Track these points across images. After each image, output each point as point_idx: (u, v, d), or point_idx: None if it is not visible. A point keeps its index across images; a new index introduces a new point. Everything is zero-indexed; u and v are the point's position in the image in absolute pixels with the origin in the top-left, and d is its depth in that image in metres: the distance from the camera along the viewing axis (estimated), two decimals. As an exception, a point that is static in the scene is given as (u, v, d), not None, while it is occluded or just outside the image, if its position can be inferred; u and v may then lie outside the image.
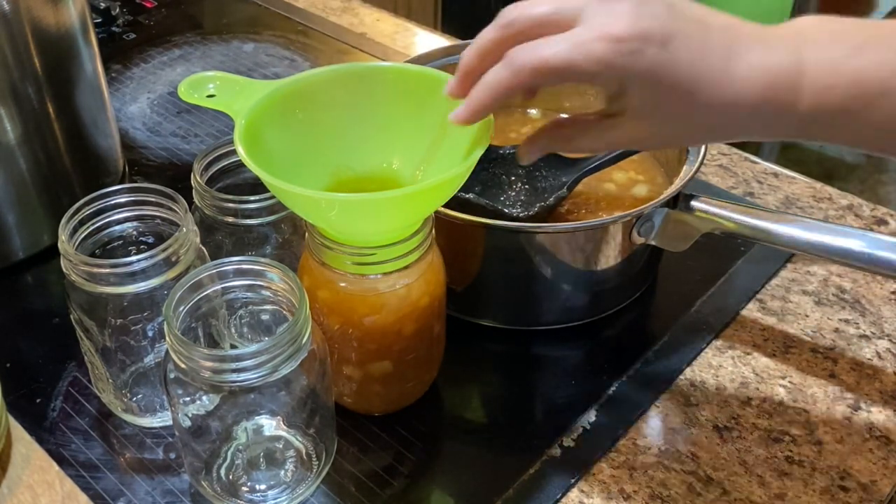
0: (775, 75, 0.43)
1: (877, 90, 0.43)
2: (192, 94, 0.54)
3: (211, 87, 0.55)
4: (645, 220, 0.61)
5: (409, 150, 0.54)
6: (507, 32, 0.45)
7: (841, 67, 0.43)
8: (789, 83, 0.44)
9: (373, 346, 0.54)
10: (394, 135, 0.55)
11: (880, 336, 0.65)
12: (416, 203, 0.49)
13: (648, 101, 0.44)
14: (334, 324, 0.54)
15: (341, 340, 0.54)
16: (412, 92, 0.54)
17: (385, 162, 0.55)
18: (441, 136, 0.53)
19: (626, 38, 0.42)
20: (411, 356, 0.56)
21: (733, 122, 0.45)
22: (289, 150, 0.53)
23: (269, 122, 0.52)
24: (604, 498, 0.55)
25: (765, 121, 0.45)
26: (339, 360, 0.55)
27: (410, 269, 0.52)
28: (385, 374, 0.56)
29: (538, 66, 0.43)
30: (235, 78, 0.55)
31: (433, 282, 0.54)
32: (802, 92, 0.44)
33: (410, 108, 0.54)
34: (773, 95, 0.44)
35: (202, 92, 0.54)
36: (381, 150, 0.55)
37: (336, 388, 0.57)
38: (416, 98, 0.54)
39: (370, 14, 1.08)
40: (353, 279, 0.52)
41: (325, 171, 0.55)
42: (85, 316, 0.55)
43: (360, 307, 0.53)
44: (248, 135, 0.50)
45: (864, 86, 0.43)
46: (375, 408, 0.59)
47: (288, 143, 0.53)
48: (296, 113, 0.54)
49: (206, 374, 0.47)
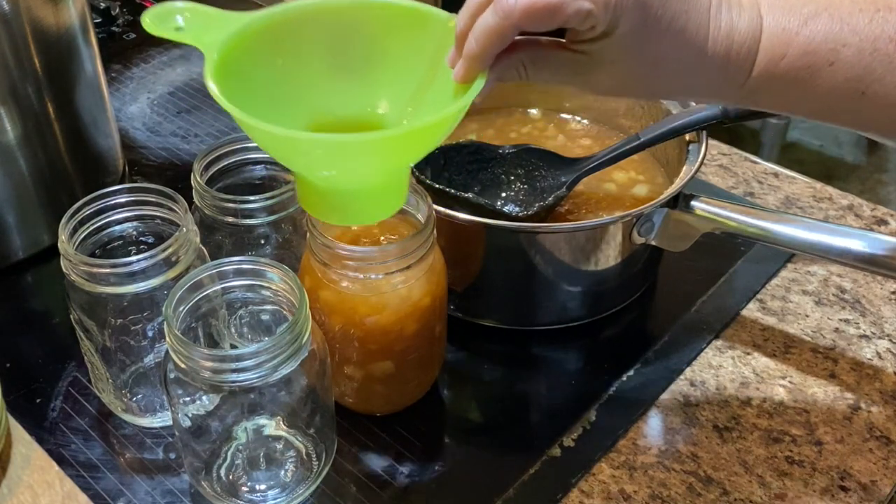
0: (737, 37, 0.44)
1: (824, 60, 0.43)
2: (158, 26, 0.49)
3: (179, 18, 0.49)
4: (645, 220, 0.61)
5: (397, 92, 0.50)
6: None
7: (792, 36, 0.44)
8: (747, 47, 0.44)
9: (374, 347, 0.54)
10: (380, 76, 0.50)
11: (880, 336, 0.65)
12: (406, 145, 0.45)
13: (634, 44, 0.43)
14: (336, 324, 0.54)
15: (343, 341, 0.54)
16: (400, 29, 0.49)
17: (370, 105, 0.51)
18: (431, 78, 0.48)
19: None
20: (413, 356, 0.56)
21: (700, 77, 0.45)
22: (264, 90, 0.49)
23: (244, 58, 0.48)
24: (604, 498, 0.55)
25: (723, 81, 0.45)
26: (340, 360, 0.55)
27: (412, 269, 0.52)
28: (386, 374, 0.56)
29: (529, 6, 0.41)
30: (207, 9, 0.49)
31: (434, 282, 0.54)
32: (756, 57, 0.44)
33: (398, 46, 0.50)
34: (735, 57, 0.44)
35: (169, 24, 0.49)
36: (366, 91, 0.51)
37: (337, 388, 0.57)
38: (403, 36, 0.49)
39: (370, 14, 1.08)
40: (354, 279, 0.52)
41: (303, 114, 0.50)
42: (85, 316, 0.55)
43: (361, 307, 0.53)
44: (220, 71, 0.45)
45: (812, 56, 0.43)
46: (377, 408, 0.59)
47: (263, 83, 0.49)
48: (272, 49, 0.49)
49: (206, 374, 0.47)
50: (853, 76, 0.43)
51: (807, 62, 0.44)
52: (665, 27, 0.42)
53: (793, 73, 0.44)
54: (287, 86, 0.50)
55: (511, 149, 0.68)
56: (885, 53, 0.43)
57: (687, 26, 0.43)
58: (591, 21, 0.41)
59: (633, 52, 0.43)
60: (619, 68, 0.44)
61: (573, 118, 0.78)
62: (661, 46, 0.43)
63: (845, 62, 0.43)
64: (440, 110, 0.43)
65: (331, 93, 0.51)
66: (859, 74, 0.43)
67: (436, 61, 0.46)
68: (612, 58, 0.43)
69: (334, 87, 0.50)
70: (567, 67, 0.45)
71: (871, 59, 0.43)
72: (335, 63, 0.50)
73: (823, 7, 0.44)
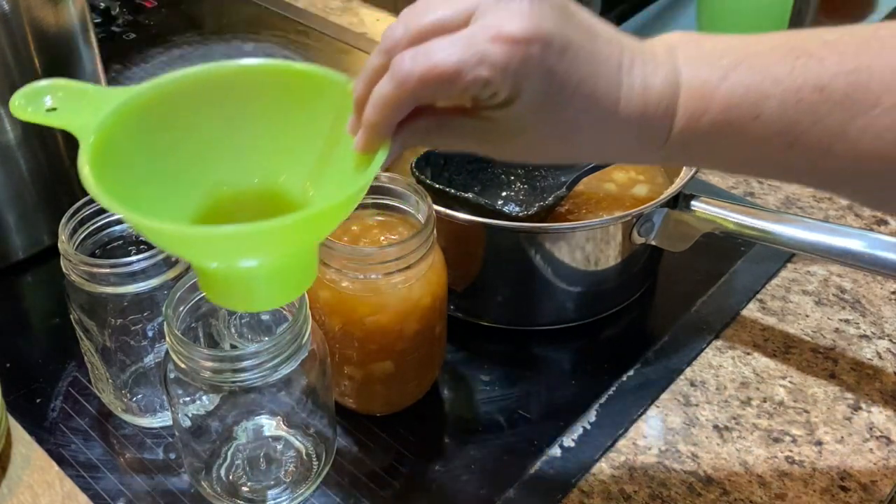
0: (653, 96, 0.40)
1: (748, 114, 0.40)
2: (27, 110, 0.43)
3: (48, 99, 0.44)
4: (645, 220, 0.61)
5: (298, 160, 0.46)
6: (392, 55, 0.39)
7: (712, 91, 0.40)
8: (664, 106, 0.41)
9: (374, 346, 0.54)
10: (280, 144, 0.46)
11: (880, 336, 0.65)
12: (301, 230, 0.40)
13: (540, 111, 0.40)
14: (336, 324, 0.54)
15: (343, 340, 0.54)
16: (296, 94, 0.46)
17: (269, 175, 0.47)
18: (333, 144, 0.45)
19: (523, 38, 0.37)
20: (413, 356, 0.56)
21: (616, 140, 0.42)
22: (152, 169, 0.44)
23: (126, 137, 0.43)
24: (604, 498, 0.55)
25: (641, 142, 0.42)
26: (340, 360, 0.55)
27: (412, 269, 0.52)
28: (386, 374, 0.56)
29: (425, 74, 0.37)
30: (82, 86, 0.44)
31: (434, 282, 0.54)
32: (676, 115, 0.41)
33: (295, 112, 0.46)
34: (652, 117, 0.41)
35: (39, 106, 0.44)
36: (264, 162, 0.46)
37: (337, 388, 0.57)
38: (301, 101, 0.45)
39: (370, 14, 1.08)
40: (354, 279, 0.52)
41: (197, 189, 0.46)
42: (85, 316, 0.55)
43: (361, 307, 0.53)
44: (99, 156, 0.41)
45: (735, 110, 0.40)
46: (377, 408, 0.59)
47: (150, 161, 0.45)
48: (160, 123, 0.45)
49: (206, 374, 0.47)
50: (780, 129, 0.40)
51: (730, 117, 0.40)
52: (572, 92, 0.39)
53: (716, 129, 0.41)
54: (179, 161, 0.45)
55: (511, 149, 0.68)
56: (810, 103, 0.39)
57: (596, 90, 0.40)
58: (490, 89, 0.38)
59: (540, 119, 0.40)
60: (528, 135, 0.41)
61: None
62: (570, 112, 0.40)
63: (770, 115, 0.40)
64: (343, 184, 0.41)
65: (228, 164, 0.46)
66: (785, 127, 0.40)
67: (337, 126, 0.43)
68: (519, 125, 0.40)
69: (231, 159, 0.46)
70: (474, 134, 0.42)
71: (796, 111, 0.40)
72: (230, 133, 0.46)
73: (743, 57, 0.40)
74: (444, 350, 0.60)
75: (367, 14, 1.08)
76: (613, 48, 0.40)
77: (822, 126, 0.40)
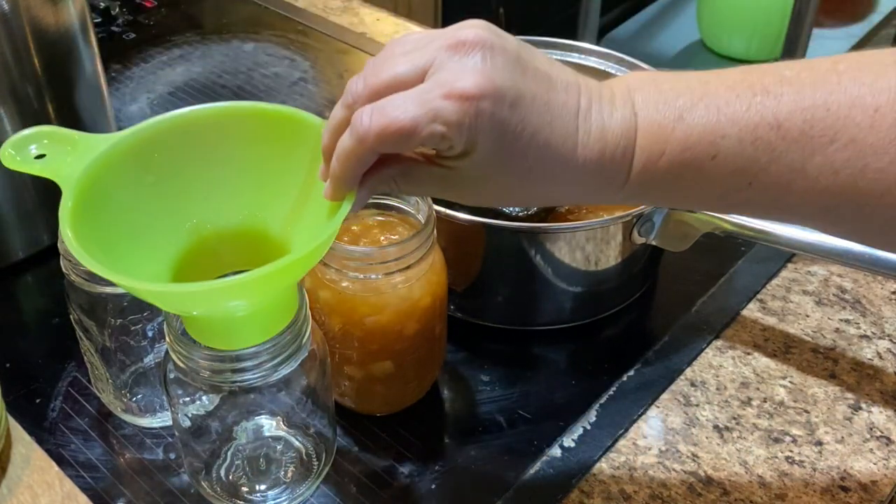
0: (610, 139, 0.41)
1: (705, 154, 0.40)
2: (15, 160, 0.45)
3: (34, 148, 0.45)
4: (645, 220, 0.61)
5: (276, 201, 0.48)
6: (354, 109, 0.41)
7: (669, 132, 0.40)
8: (622, 148, 0.41)
9: (374, 347, 0.54)
10: (257, 184, 0.48)
11: (881, 336, 0.65)
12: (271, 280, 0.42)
13: (497, 161, 0.40)
14: (336, 324, 0.54)
15: (343, 341, 0.54)
16: (275, 135, 0.47)
17: (249, 214, 0.49)
18: (309, 184, 0.46)
19: (475, 95, 0.38)
20: (413, 356, 0.56)
21: (575, 184, 0.42)
22: (136, 213, 0.46)
23: (111, 182, 0.45)
24: (604, 498, 0.55)
25: (600, 185, 0.42)
26: (340, 360, 0.55)
27: (412, 269, 0.52)
28: (386, 374, 0.56)
29: (382, 131, 0.39)
30: (67, 133, 0.46)
31: (435, 282, 0.54)
32: (634, 158, 0.41)
33: (274, 153, 0.47)
34: (610, 160, 0.41)
35: (27, 155, 0.45)
36: (244, 201, 0.48)
37: (337, 388, 0.57)
38: (279, 143, 0.47)
39: (370, 14, 1.08)
40: (354, 279, 0.52)
41: (181, 230, 0.48)
42: (85, 316, 0.55)
43: (361, 307, 0.53)
44: (80, 206, 0.42)
45: (693, 150, 0.40)
46: (377, 408, 0.59)
47: (134, 205, 0.46)
48: (142, 167, 0.46)
49: (205, 374, 0.47)
50: (738, 168, 0.40)
51: (688, 157, 0.40)
52: (527, 142, 0.40)
53: (675, 169, 0.41)
54: (163, 203, 0.47)
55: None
56: (767, 141, 0.39)
57: (552, 138, 0.40)
58: (447, 143, 0.39)
59: (497, 168, 0.41)
60: (488, 183, 0.42)
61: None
62: (528, 161, 0.40)
63: (727, 154, 0.40)
64: (317, 225, 0.43)
65: (210, 205, 0.48)
66: (744, 165, 0.40)
67: (313, 167, 0.44)
68: (479, 173, 0.41)
69: (213, 199, 0.48)
70: (439, 182, 0.43)
71: (754, 149, 0.39)
72: (212, 174, 0.48)
73: (699, 97, 0.40)
74: (444, 350, 0.60)
75: (367, 14, 1.08)
76: (570, 94, 0.41)
77: (780, 164, 0.40)
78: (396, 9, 1.76)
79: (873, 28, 2.14)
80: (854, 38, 2.09)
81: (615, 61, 0.74)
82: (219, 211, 0.48)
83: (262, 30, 1.04)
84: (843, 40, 2.08)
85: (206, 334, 0.46)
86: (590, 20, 2.03)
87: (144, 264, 0.46)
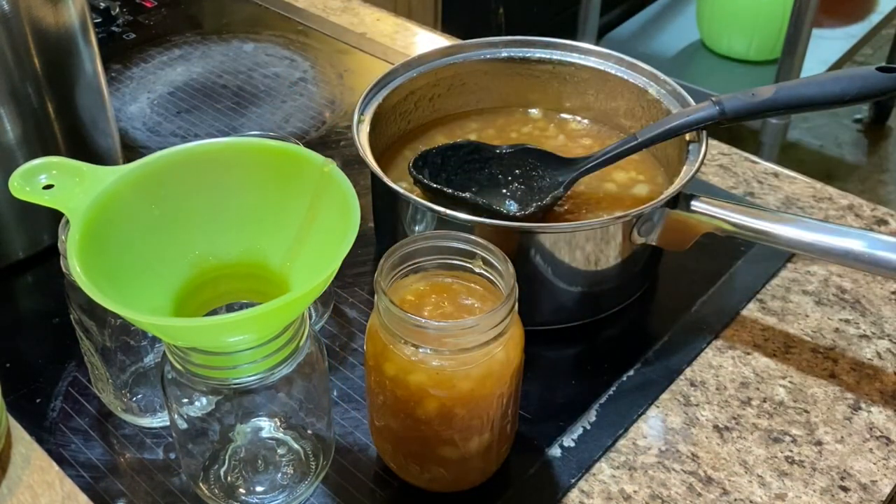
0: None
1: None
2: (24, 189, 0.46)
3: (43, 177, 0.46)
4: (645, 220, 0.61)
5: (277, 235, 0.49)
6: None
7: None
8: None
9: (476, 422, 0.50)
10: (259, 219, 0.49)
11: (881, 336, 0.65)
12: (274, 317, 0.43)
13: None
14: (432, 407, 0.49)
15: (441, 423, 0.49)
16: (277, 171, 0.48)
17: (251, 248, 0.50)
18: (310, 220, 0.48)
19: None
20: (507, 422, 0.53)
21: None
22: (141, 244, 0.47)
23: (117, 214, 0.46)
24: (604, 498, 0.55)
25: None
26: (435, 443, 0.51)
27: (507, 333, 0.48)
28: (484, 447, 0.52)
29: None
30: (75, 164, 0.47)
31: (518, 335, 0.51)
32: None
33: (277, 189, 0.48)
34: None
35: (36, 185, 0.46)
36: (246, 235, 0.49)
37: (427, 473, 0.53)
38: (282, 178, 0.48)
39: (370, 14, 1.08)
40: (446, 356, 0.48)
41: (183, 262, 0.49)
42: (85, 316, 0.55)
43: (462, 382, 0.48)
44: (88, 238, 0.43)
45: None
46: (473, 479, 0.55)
47: (140, 236, 0.47)
48: (149, 198, 0.48)
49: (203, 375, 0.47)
50: None
51: None
52: None
53: None
54: (166, 235, 0.48)
55: (508, 149, 0.68)
56: None
57: None
58: None
59: None
60: None
61: (573, 118, 0.78)
62: None
63: None
64: (316, 262, 0.44)
65: (212, 236, 0.49)
66: None
67: (314, 204, 0.45)
68: None
69: (215, 231, 0.49)
70: None
71: None
72: (215, 208, 0.49)
73: None
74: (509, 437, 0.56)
75: (367, 14, 1.08)
76: None
77: None
78: (396, 9, 1.76)
79: (873, 28, 2.13)
80: (854, 38, 2.09)
81: (615, 61, 0.74)
82: (220, 243, 0.49)
83: (262, 30, 1.04)
84: (843, 40, 2.07)
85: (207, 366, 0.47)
86: (590, 20, 2.03)
87: (147, 294, 0.47)
